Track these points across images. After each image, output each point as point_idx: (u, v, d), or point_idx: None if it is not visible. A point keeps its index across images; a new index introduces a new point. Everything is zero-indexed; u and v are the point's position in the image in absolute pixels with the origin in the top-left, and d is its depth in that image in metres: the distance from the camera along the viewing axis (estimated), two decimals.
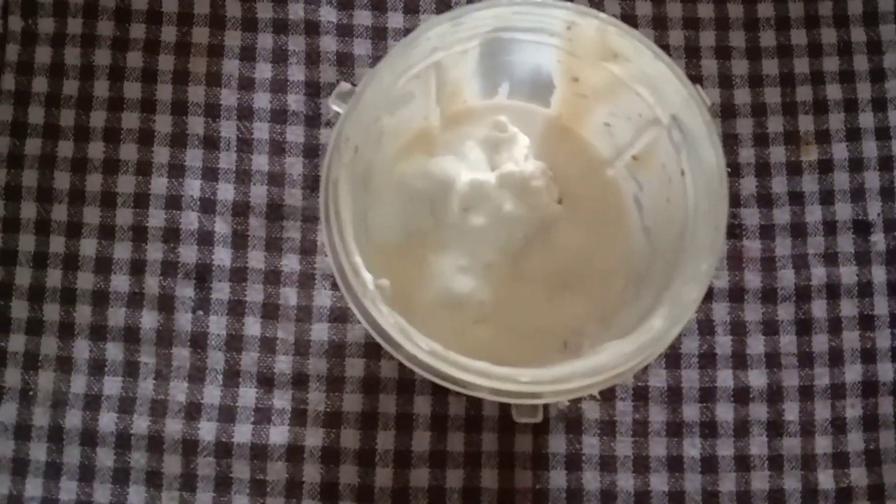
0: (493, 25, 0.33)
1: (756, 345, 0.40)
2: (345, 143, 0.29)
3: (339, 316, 0.40)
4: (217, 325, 0.39)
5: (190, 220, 0.40)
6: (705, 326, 0.40)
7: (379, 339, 0.29)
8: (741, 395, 0.39)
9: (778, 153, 0.42)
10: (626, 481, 0.38)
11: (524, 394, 0.29)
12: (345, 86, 0.30)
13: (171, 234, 0.40)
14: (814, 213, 0.41)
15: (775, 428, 0.39)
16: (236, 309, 0.40)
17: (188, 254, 0.40)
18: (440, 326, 0.33)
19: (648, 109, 0.34)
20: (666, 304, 0.30)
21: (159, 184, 0.41)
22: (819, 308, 0.40)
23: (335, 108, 0.30)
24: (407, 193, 0.36)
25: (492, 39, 0.34)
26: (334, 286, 0.40)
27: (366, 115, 0.30)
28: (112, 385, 0.39)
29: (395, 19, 0.42)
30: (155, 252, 0.40)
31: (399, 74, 0.31)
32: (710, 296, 0.40)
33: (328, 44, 0.42)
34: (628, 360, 0.29)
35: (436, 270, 0.35)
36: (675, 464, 0.39)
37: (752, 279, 0.40)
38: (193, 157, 0.41)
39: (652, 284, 0.33)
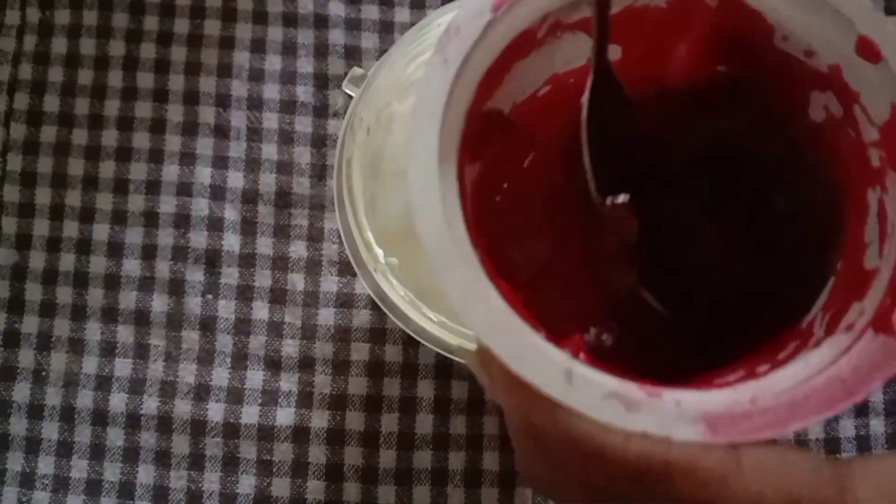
0: None
1: None
2: (358, 123, 0.30)
3: (345, 302, 0.41)
4: (226, 308, 0.40)
5: (200, 206, 0.41)
6: None
7: (389, 313, 0.30)
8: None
9: None
10: None
11: None
12: (357, 70, 0.31)
13: (182, 221, 0.41)
14: None
15: None
16: (245, 293, 0.41)
17: (198, 239, 0.41)
18: (448, 311, 0.33)
19: None
20: None
21: (171, 171, 0.42)
22: None
23: (348, 91, 0.31)
24: None
25: None
26: (340, 272, 0.41)
27: (378, 98, 0.31)
28: (123, 366, 0.40)
29: (402, 14, 0.43)
30: (166, 237, 0.41)
31: (409, 61, 0.32)
32: None
33: (336, 37, 0.43)
34: None
35: None
36: None
37: None
38: (204, 145, 0.42)
39: None
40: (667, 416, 0.18)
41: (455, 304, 0.18)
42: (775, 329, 0.23)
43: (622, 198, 0.25)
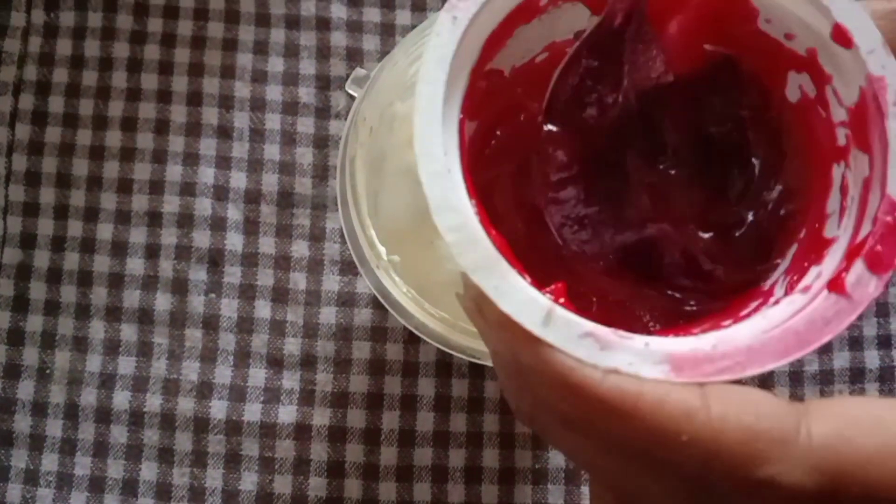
0: None
1: None
2: (362, 123, 0.30)
3: (347, 300, 0.41)
4: (229, 307, 0.41)
5: (204, 206, 0.42)
6: None
7: (391, 309, 0.31)
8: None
9: None
10: None
11: None
12: (360, 71, 0.32)
13: (186, 220, 0.41)
14: None
15: None
16: (247, 292, 0.41)
17: (202, 239, 0.41)
18: (449, 307, 0.34)
19: None
20: None
21: (174, 171, 0.42)
22: None
23: (351, 91, 0.32)
24: (415, 178, 0.37)
25: None
26: (342, 272, 0.41)
27: (381, 97, 0.32)
28: (126, 364, 0.40)
29: (403, 16, 0.44)
30: (169, 237, 0.41)
31: (412, 61, 0.32)
32: None
33: (338, 39, 0.43)
34: None
35: (444, 254, 0.36)
36: None
37: None
38: (207, 146, 0.42)
39: None
40: (636, 355, 0.20)
41: (450, 245, 0.20)
42: (740, 291, 0.25)
43: (557, 128, 0.26)
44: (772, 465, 0.19)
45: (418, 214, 0.37)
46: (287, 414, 0.40)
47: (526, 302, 0.20)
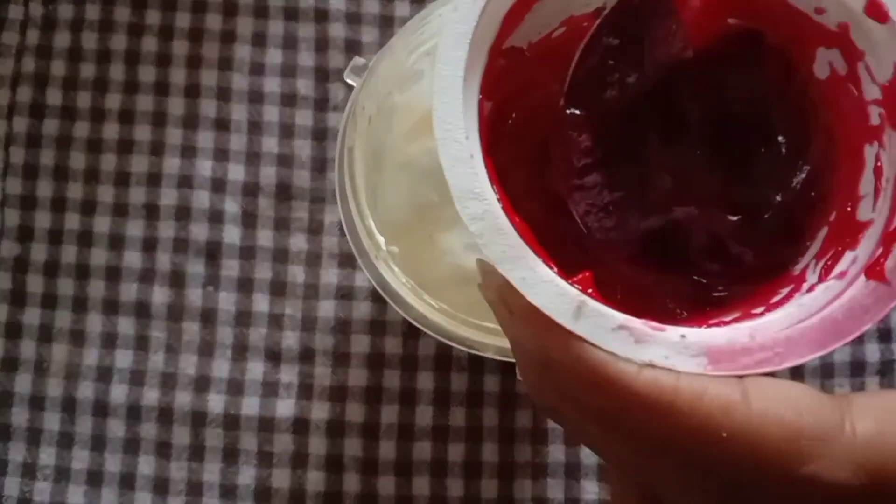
0: None
1: None
2: (360, 112, 0.30)
3: (346, 294, 0.41)
4: (227, 300, 0.41)
5: (201, 199, 0.41)
6: None
7: (390, 301, 0.30)
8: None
9: None
10: None
11: None
12: (359, 60, 0.32)
13: (183, 213, 0.41)
14: None
15: None
16: (245, 286, 0.41)
17: (199, 232, 0.41)
18: (449, 301, 0.34)
19: None
20: None
21: (172, 164, 0.42)
22: None
23: (349, 81, 0.31)
24: (415, 172, 0.37)
25: None
26: (341, 265, 0.41)
27: (379, 87, 0.31)
28: (124, 358, 0.40)
29: (402, 8, 0.43)
30: (167, 230, 0.41)
31: (411, 50, 0.32)
32: None
33: (337, 31, 0.43)
34: None
35: (444, 247, 0.36)
36: None
37: None
38: (205, 138, 0.42)
39: None
40: (672, 348, 0.19)
41: (474, 235, 0.19)
42: (770, 276, 0.24)
43: (581, 111, 0.26)
44: (814, 462, 0.18)
45: (418, 209, 0.37)
46: (285, 408, 0.40)
47: (556, 294, 0.19)
